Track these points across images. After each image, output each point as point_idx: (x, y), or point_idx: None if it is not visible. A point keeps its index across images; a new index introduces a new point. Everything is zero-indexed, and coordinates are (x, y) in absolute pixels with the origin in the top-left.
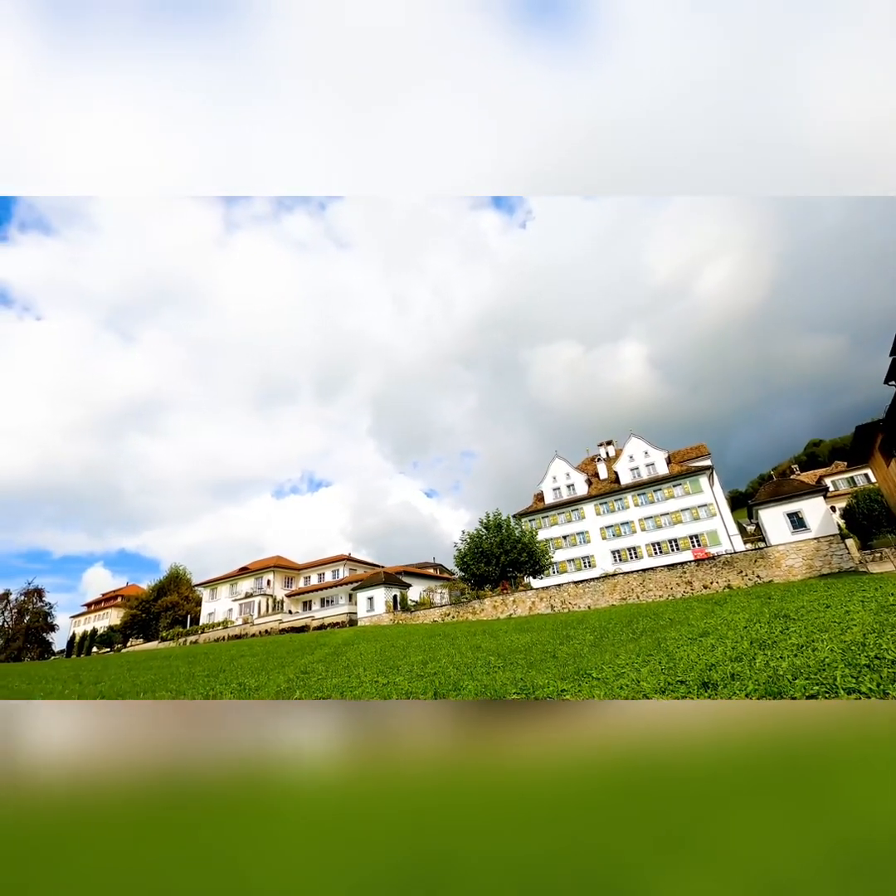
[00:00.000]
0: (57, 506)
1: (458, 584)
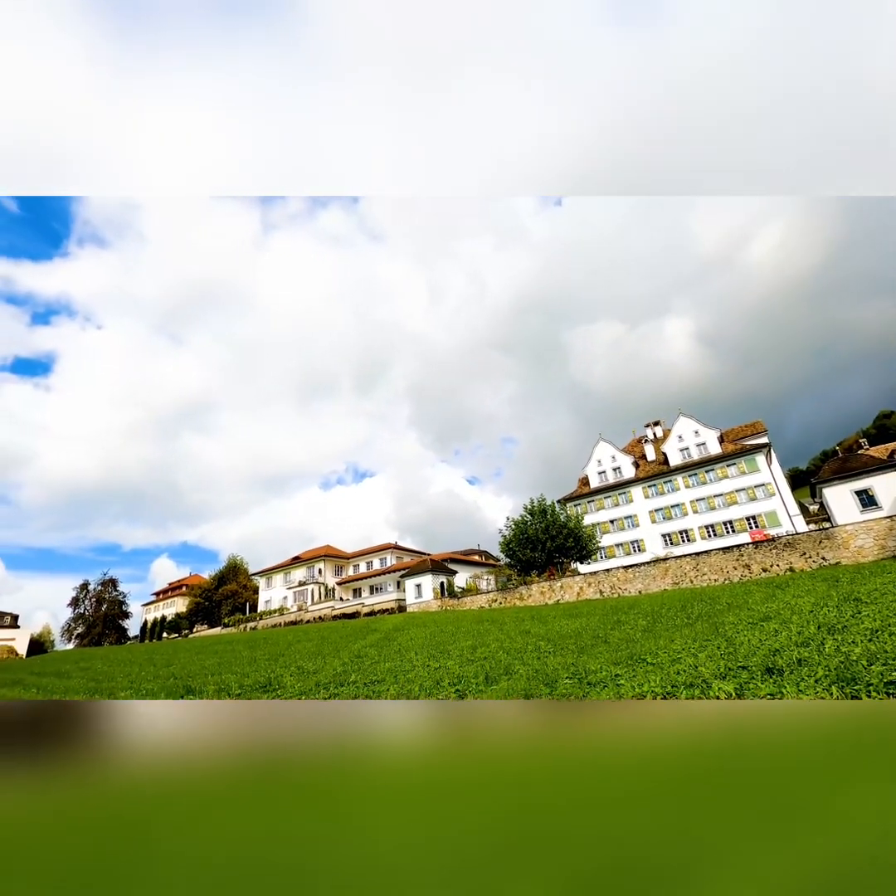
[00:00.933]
0: (123, 503)
1: (504, 571)
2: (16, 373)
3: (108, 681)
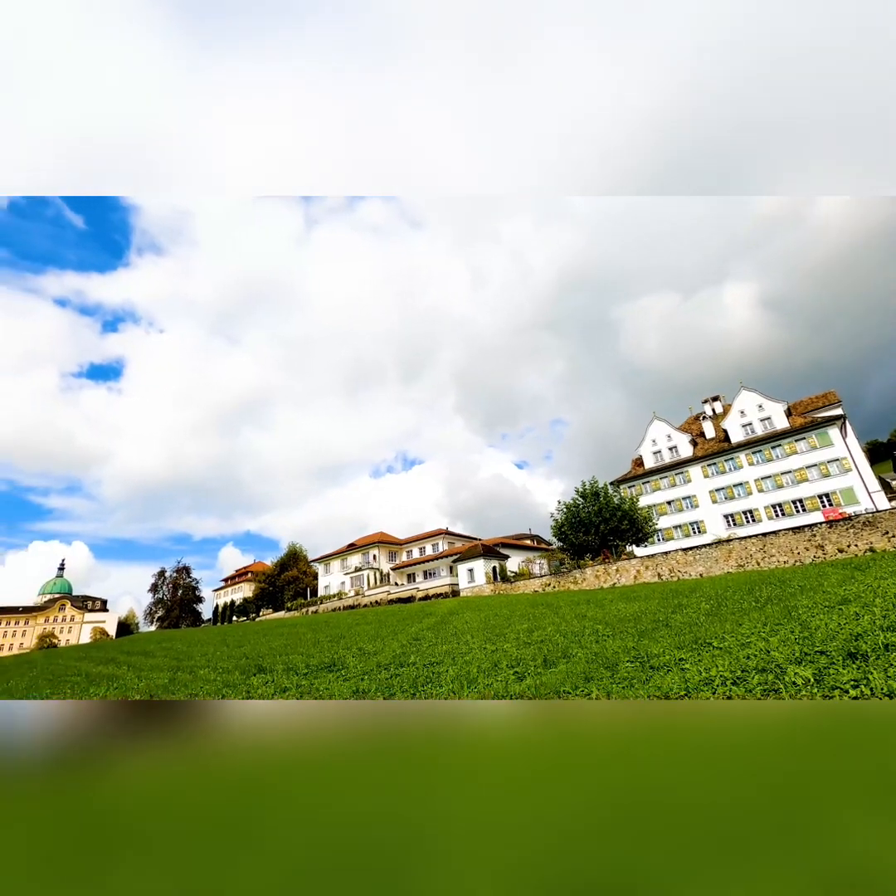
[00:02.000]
0: (191, 496)
1: (556, 555)
2: (91, 378)
3: (187, 659)
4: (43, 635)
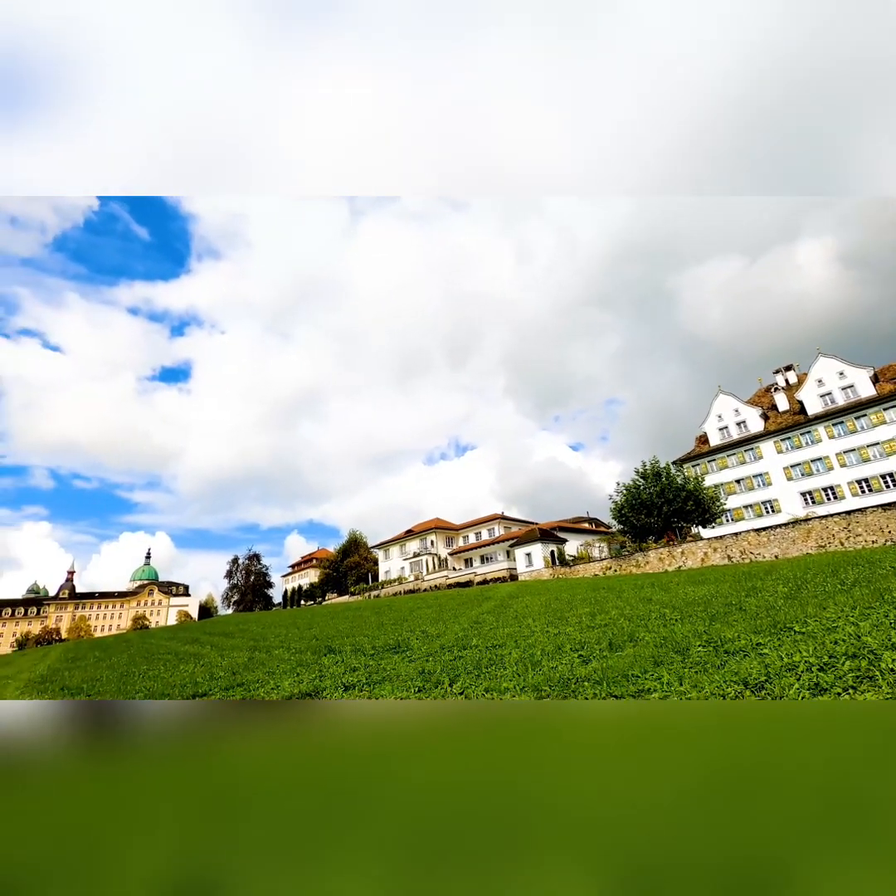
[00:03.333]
0: (256, 487)
1: (617, 538)
2: (164, 381)
3: (263, 640)
4: (136, 617)
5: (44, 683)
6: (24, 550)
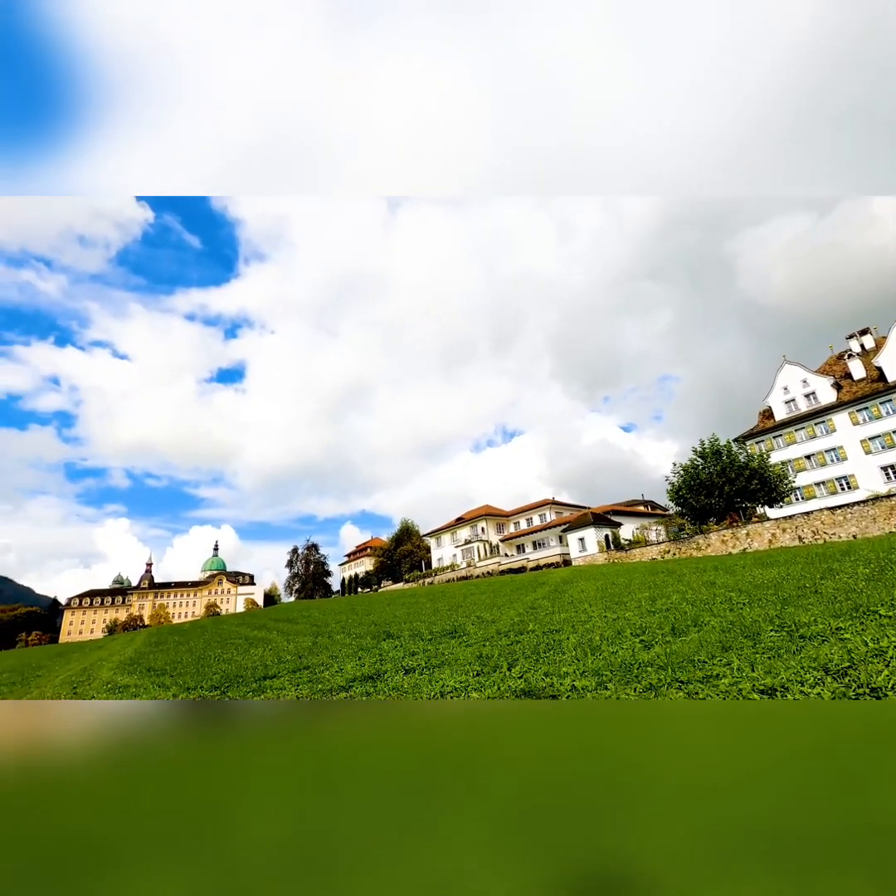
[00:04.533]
0: (311, 480)
1: (675, 520)
2: (220, 382)
3: (324, 626)
4: (208, 605)
5: (132, 665)
6: (108, 545)
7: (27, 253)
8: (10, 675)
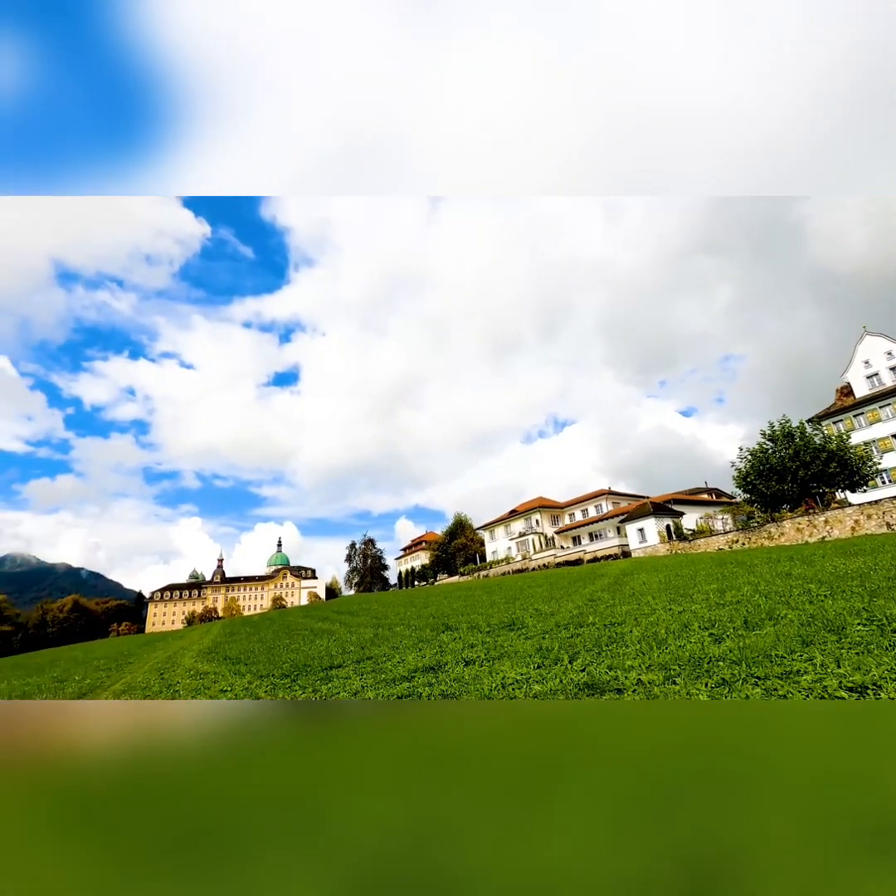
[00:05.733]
0: (366, 477)
1: (743, 508)
2: (277, 385)
3: (384, 618)
4: (275, 598)
5: (210, 653)
6: (183, 542)
7: (102, 275)
8: (107, 661)
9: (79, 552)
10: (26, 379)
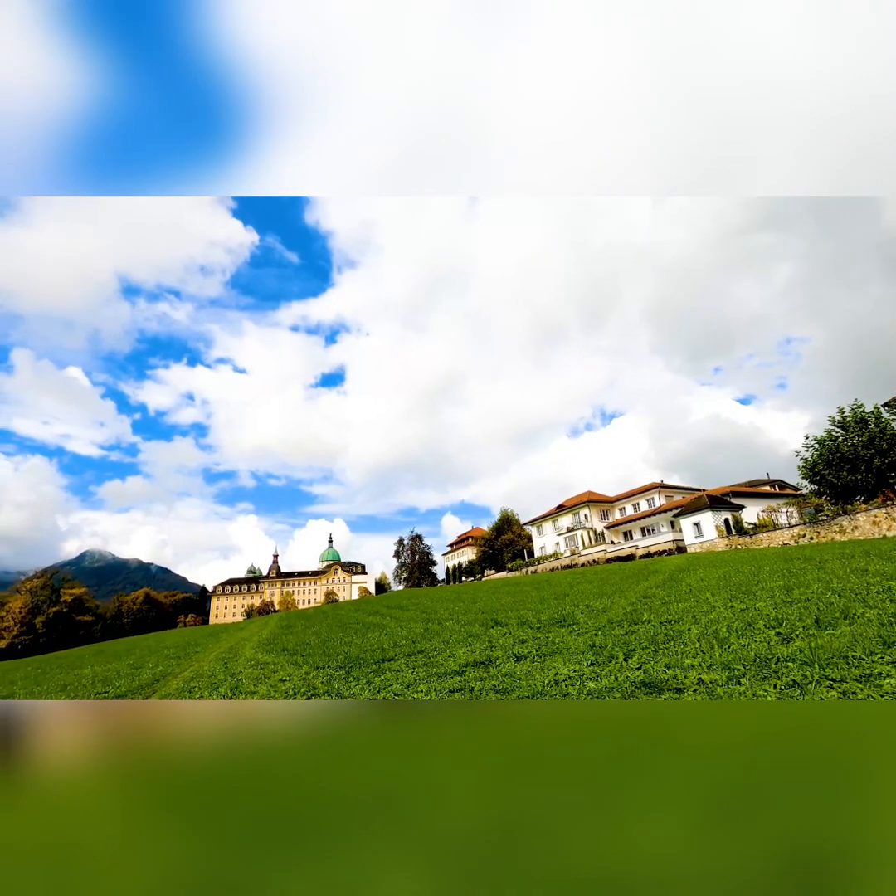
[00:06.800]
0: (411, 474)
1: (810, 500)
2: (324, 386)
3: (433, 613)
4: (327, 592)
5: (269, 645)
6: (240, 539)
7: (161, 287)
8: (176, 650)
9: (148, 548)
10: (98, 388)
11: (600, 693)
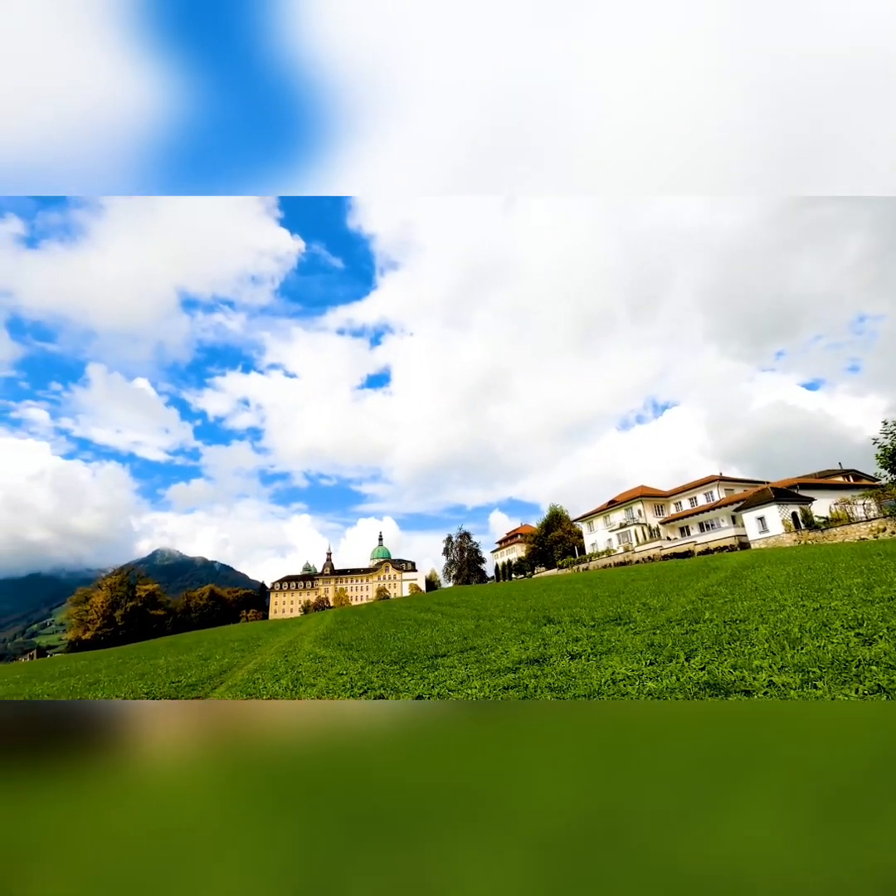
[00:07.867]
0: (458, 472)
1: (890, 491)
2: (370, 387)
3: (484, 610)
4: (379, 589)
5: (326, 639)
6: (295, 537)
7: (216, 298)
8: (240, 644)
9: (211, 547)
10: (163, 397)
11: (661, 693)
